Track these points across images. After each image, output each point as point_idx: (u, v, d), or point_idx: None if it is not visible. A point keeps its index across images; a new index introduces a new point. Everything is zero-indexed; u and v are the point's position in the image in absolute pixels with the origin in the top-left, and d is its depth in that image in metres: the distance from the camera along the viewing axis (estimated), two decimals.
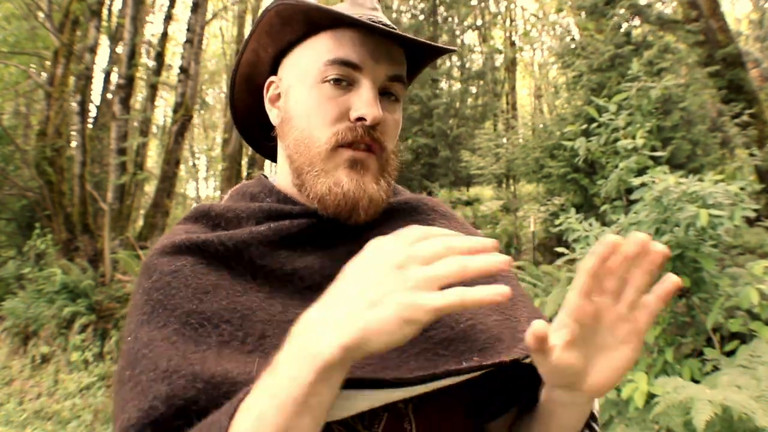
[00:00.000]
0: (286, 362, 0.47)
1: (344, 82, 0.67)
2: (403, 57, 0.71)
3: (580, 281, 0.50)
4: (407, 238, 0.48)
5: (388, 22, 0.70)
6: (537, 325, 0.48)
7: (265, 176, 0.80)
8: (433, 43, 0.70)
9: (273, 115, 0.75)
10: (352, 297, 0.46)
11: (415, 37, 0.67)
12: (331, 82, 0.66)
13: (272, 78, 0.75)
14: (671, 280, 0.51)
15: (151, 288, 0.62)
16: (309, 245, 0.68)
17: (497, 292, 0.43)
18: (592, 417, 0.67)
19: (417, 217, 0.77)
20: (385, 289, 0.45)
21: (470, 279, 0.45)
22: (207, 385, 0.52)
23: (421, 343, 0.62)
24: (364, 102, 0.65)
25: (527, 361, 0.63)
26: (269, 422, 0.46)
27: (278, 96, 0.74)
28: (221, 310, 0.59)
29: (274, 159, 0.82)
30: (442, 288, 0.45)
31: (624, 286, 0.52)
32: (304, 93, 0.69)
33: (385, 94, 0.69)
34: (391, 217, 0.74)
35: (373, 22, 0.66)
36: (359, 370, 0.57)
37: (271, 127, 0.77)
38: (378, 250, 0.49)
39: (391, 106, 0.70)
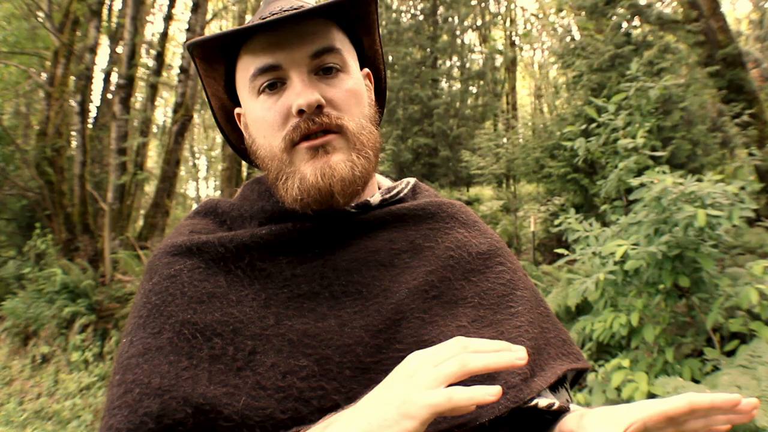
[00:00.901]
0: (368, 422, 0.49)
1: (277, 84, 0.66)
2: (322, 26, 0.68)
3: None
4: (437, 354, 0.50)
5: (297, 3, 0.69)
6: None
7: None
8: (316, 5, 0.68)
9: (248, 142, 0.76)
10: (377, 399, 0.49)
11: (310, 6, 0.65)
12: (266, 90, 0.67)
13: (237, 109, 0.77)
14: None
15: (150, 291, 0.62)
16: (310, 250, 0.67)
17: (488, 393, 0.45)
18: None
19: (433, 224, 0.74)
20: (396, 390, 0.48)
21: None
22: (196, 411, 0.54)
23: None
24: (295, 94, 0.65)
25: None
26: None
27: (246, 124, 0.75)
28: (214, 322, 0.59)
29: None
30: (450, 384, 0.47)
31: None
32: (251, 111, 0.69)
33: (324, 70, 0.67)
34: (404, 222, 0.72)
35: (273, 14, 0.66)
36: None
37: None
38: (408, 361, 0.51)
39: (335, 80, 0.68)
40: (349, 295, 0.64)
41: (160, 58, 10.03)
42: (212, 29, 16.75)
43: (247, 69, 0.68)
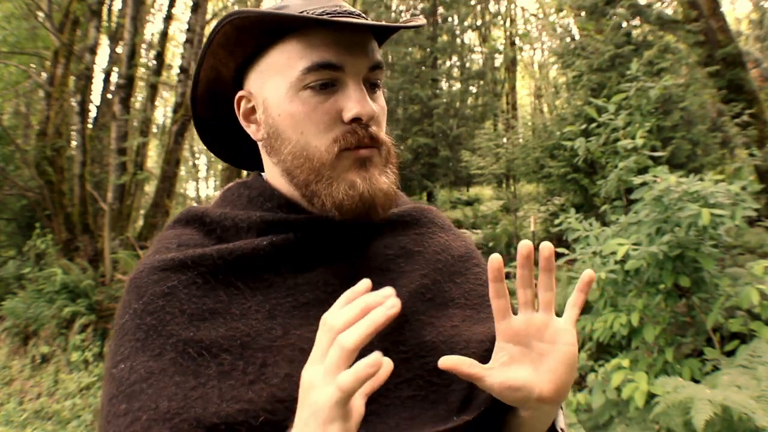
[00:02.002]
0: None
1: (328, 85, 0.64)
2: (375, 43, 0.69)
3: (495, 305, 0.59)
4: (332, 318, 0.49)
5: (352, 9, 0.67)
6: (447, 363, 0.57)
7: (261, 175, 0.76)
8: (401, 25, 0.69)
9: (251, 130, 0.71)
10: (298, 426, 0.49)
11: (385, 23, 0.66)
12: (314, 88, 0.63)
13: (241, 93, 0.71)
14: (587, 275, 0.59)
15: (143, 311, 0.59)
16: (312, 259, 0.66)
17: (368, 363, 0.45)
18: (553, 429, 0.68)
19: (419, 229, 0.76)
20: (306, 408, 0.48)
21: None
22: (210, 430, 0.52)
23: (415, 369, 0.62)
24: (355, 102, 0.63)
25: None
26: None
27: (252, 110, 0.70)
28: (220, 338, 0.57)
29: (247, 167, 0.80)
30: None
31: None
32: (286, 104, 0.65)
33: (370, 85, 0.68)
34: (394, 228, 0.74)
35: (337, 14, 0.63)
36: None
37: (242, 139, 0.75)
38: (303, 379, 0.50)
39: (375, 96, 0.69)
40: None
41: (160, 58, 10.03)
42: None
43: (295, 58, 0.63)
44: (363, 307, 0.48)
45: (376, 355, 0.45)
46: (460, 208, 8.99)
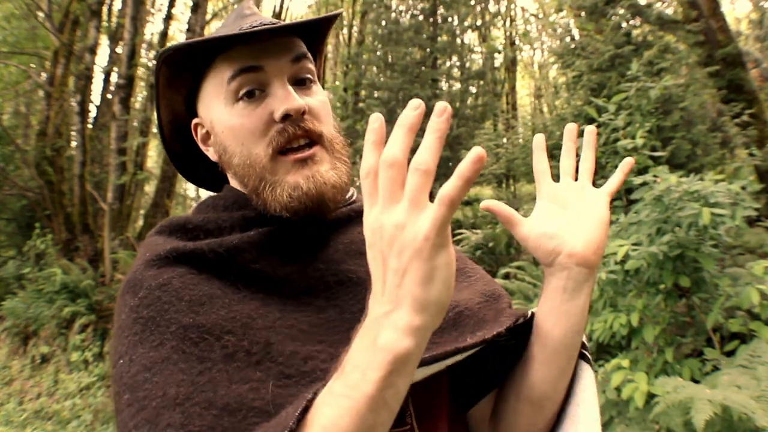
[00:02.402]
0: (356, 361, 0.46)
1: (256, 92, 0.67)
2: (297, 40, 0.71)
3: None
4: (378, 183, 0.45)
5: (272, 21, 0.71)
6: (485, 203, 0.68)
7: (233, 188, 0.77)
8: (307, 20, 0.70)
9: (210, 153, 0.75)
10: (392, 281, 0.44)
11: (291, 23, 0.68)
12: (244, 98, 0.67)
13: (195, 120, 0.75)
14: (627, 162, 0.69)
15: (139, 305, 0.58)
16: (296, 249, 0.68)
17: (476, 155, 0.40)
18: (584, 346, 0.71)
19: None
20: (405, 257, 0.43)
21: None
22: (222, 412, 0.51)
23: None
24: (281, 99, 0.65)
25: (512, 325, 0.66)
26: (344, 425, 0.45)
27: (207, 135, 0.74)
28: (221, 320, 0.57)
29: (217, 190, 0.82)
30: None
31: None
32: (225, 119, 0.68)
33: (298, 82, 0.69)
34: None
35: (254, 27, 0.66)
36: None
37: (208, 163, 0.77)
38: (371, 228, 0.45)
39: (309, 90, 0.70)
40: (341, 284, 0.67)
41: None
42: (212, 29, 16.75)
43: (222, 74, 0.68)
44: (407, 128, 0.44)
45: (477, 150, 0.40)
46: (460, 208, 8.99)
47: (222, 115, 0.69)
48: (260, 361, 0.56)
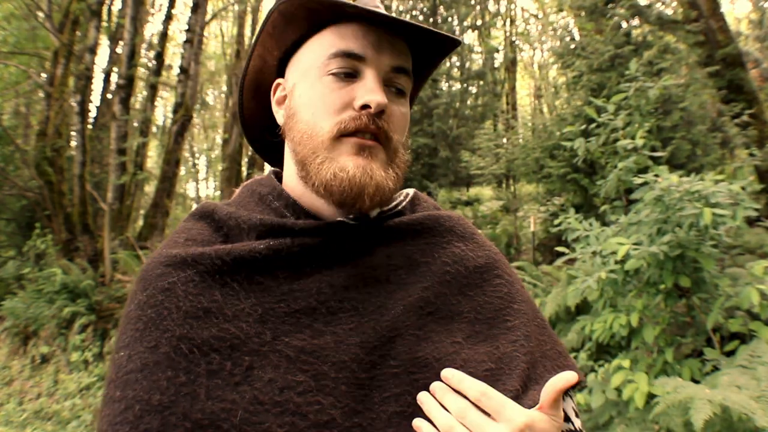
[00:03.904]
0: None
1: (349, 75, 0.66)
2: (407, 50, 0.71)
3: None
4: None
5: (392, 15, 0.70)
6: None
7: (277, 172, 0.79)
8: (436, 30, 0.69)
9: (279, 116, 0.75)
10: None
11: (418, 23, 0.66)
12: (336, 74, 0.66)
13: (279, 80, 0.75)
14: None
15: (145, 303, 0.62)
16: (308, 266, 0.66)
17: None
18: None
19: (431, 239, 0.74)
20: None
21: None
22: (194, 426, 0.55)
23: (404, 384, 0.61)
24: (367, 89, 0.65)
25: None
26: None
27: (284, 98, 0.74)
28: (211, 338, 0.59)
29: (279, 165, 0.81)
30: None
31: None
32: (308, 87, 0.68)
33: (389, 86, 0.69)
34: (402, 237, 0.72)
35: (377, 7, 0.67)
36: None
37: (274, 131, 0.77)
38: None
39: (397, 99, 0.70)
40: (345, 312, 0.64)
41: (159, 58, 10.03)
42: (212, 29, 16.75)
43: (326, 46, 0.67)
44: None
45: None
46: (460, 209, 8.99)
47: (306, 82, 0.69)
48: (239, 383, 0.57)
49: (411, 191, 0.81)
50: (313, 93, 0.67)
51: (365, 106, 0.64)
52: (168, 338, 0.59)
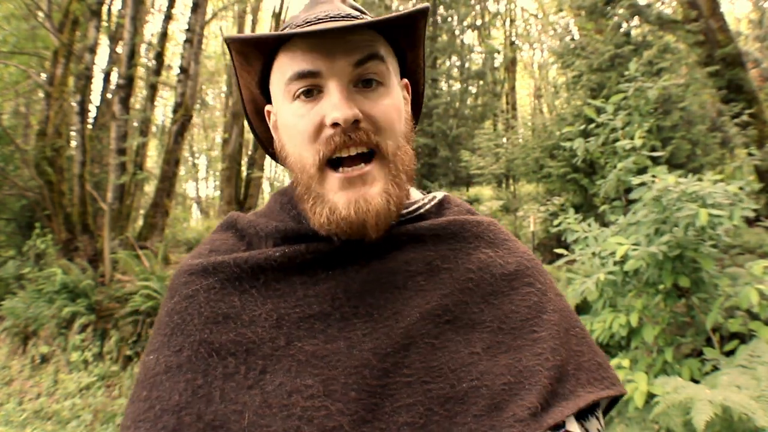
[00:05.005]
0: None
1: (314, 92, 0.64)
2: (368, 35, 0.65)
3: None
4: None
5: (339, 12, 0.68)
6: None
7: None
8: (381, 18, 0.63)
9: (276, 143, 0.74)
10: None
11: (357, 22, 0.62)
12: (301, 96, 0.64)
13: (267, 107, 0.75)
14: None
15: (172, 310, 0.66)
16: (323, 272, 0.66)
17: None
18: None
19: (454, 244, 0.70)
20: None
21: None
22: (206, 426, 0.57)
23: (417, 394, 0.59)
24: (332, 105, 0.61)
25: None
26: None
27: (276, 124, 0.73)
28: (228, 342, 0.62)
29: None
30: None
31: None
32: (284, 115, 0.67)
33: (364, 82, 0.64)
34: (423, 242, 0.69)
35: (318, 21, 0.65)
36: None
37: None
38: None
39: (374, 94, 0.65)
40: (359, 317, 0.63)
41: (159, 58, 10.03)
42: (212, 29, 16.74)
43: (283, 71, 0.66)
44: None
45: None
46: None
47: (281, 110, 0.68)
48: (252, 387, 0.59)
49: (440, 194, 0.79)
50: (290, 122, 0.66)
51: (336, 124, 0.61)
52: (190, 342, 0.62)
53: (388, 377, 0.60)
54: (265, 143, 0.81)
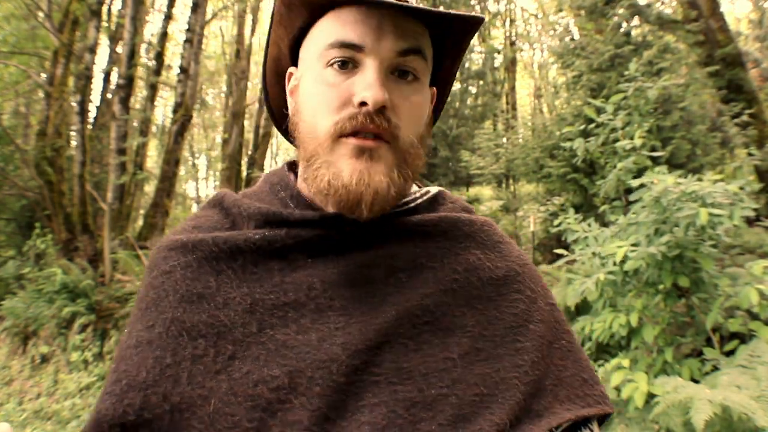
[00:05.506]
0: None
1: (350, 65, 0.61)
2: (420, 28, 0.63)
3: None
4: None
5: None
6: None
7: (293, 163, 0.76)
8: (449, 12, 0.60)
9: (290, 107, 0.71)
10: None
11: (426, 8, 0.60)
12: (335, 65, 0.61)
13: (291, 69, 0.72)
14: None
15: (149, 285, 0.64)
16: (302, 259, 0.64)
17: None
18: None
19: (442, 243, 0.68)
20: None
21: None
22: (173, 408, 0.56)
23: (383, 395, 0.56)
24: (365, 84, 0.59)
25: None
26: None
27: (296, 87, 0.70)
28: (200, 323, 0.60)
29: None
30: None
31: None
32: (311, 81, 0.64)
33: (401, 73, 0.62)
34: (410, 237, 0.66)
35: None
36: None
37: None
38: None
39: (408, 87, 0.63)
40: (334, 310, 0.61)
41: (159, 58, 10.03)
42: (212, 29, 16.75)
43: (326, 35, 0.62)
44: None
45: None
46: None
47: (310, 74, 0.64)
48: (219, 372, 0.57)
49: (435, 189, 0.76)
50: (314, 89, 0.63)
51: (363, 103, 0.59)
52: (163, 320, 0.60)
53: (356, 374, 0.57)
54: (274, 110, 0.79)
